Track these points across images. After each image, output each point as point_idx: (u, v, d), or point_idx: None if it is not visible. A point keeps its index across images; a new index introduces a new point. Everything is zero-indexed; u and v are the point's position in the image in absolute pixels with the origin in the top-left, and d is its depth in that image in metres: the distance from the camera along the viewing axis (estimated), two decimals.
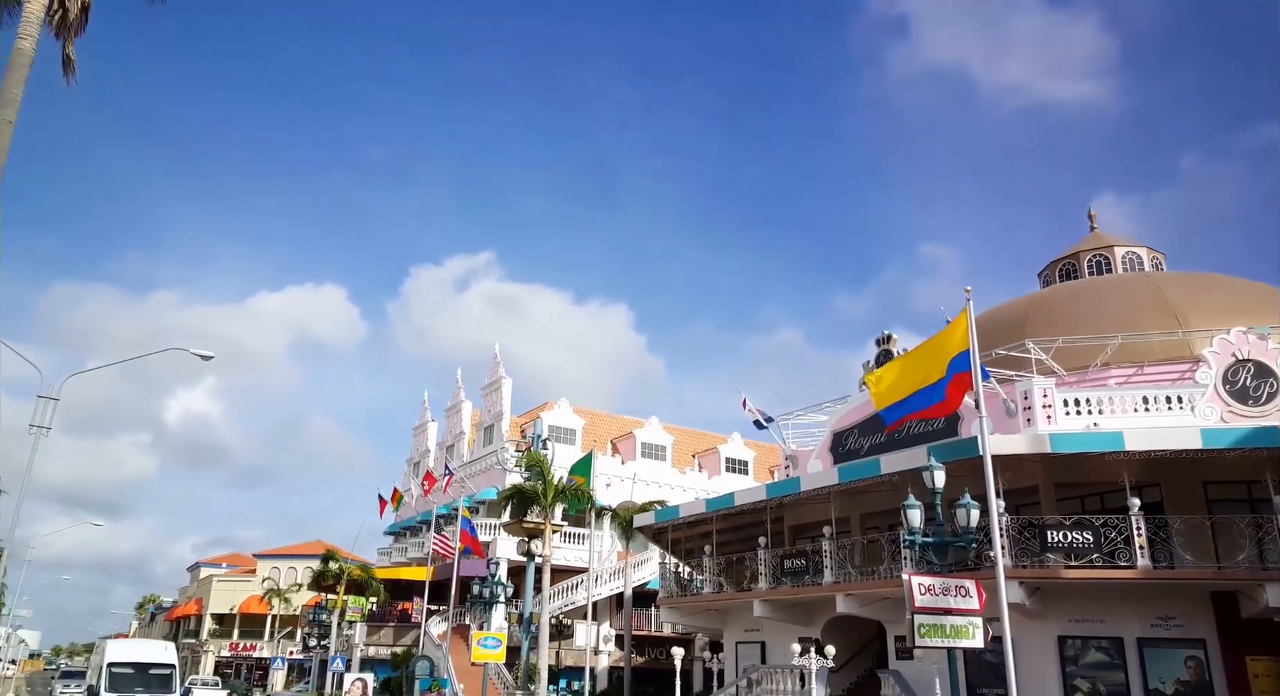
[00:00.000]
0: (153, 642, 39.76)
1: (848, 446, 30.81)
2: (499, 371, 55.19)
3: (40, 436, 20.25)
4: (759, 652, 30.14)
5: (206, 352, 22.56)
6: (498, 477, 51.75)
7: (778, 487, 27.36)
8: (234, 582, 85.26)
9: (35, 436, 20.17)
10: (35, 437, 20.17)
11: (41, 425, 20.33)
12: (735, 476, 57.15)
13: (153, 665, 32.97)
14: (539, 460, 29.80)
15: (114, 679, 31.48)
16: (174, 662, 33.84)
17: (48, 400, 20.44)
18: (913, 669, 24.39)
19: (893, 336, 30.61)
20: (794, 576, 26.95)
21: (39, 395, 20.32)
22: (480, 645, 29.84)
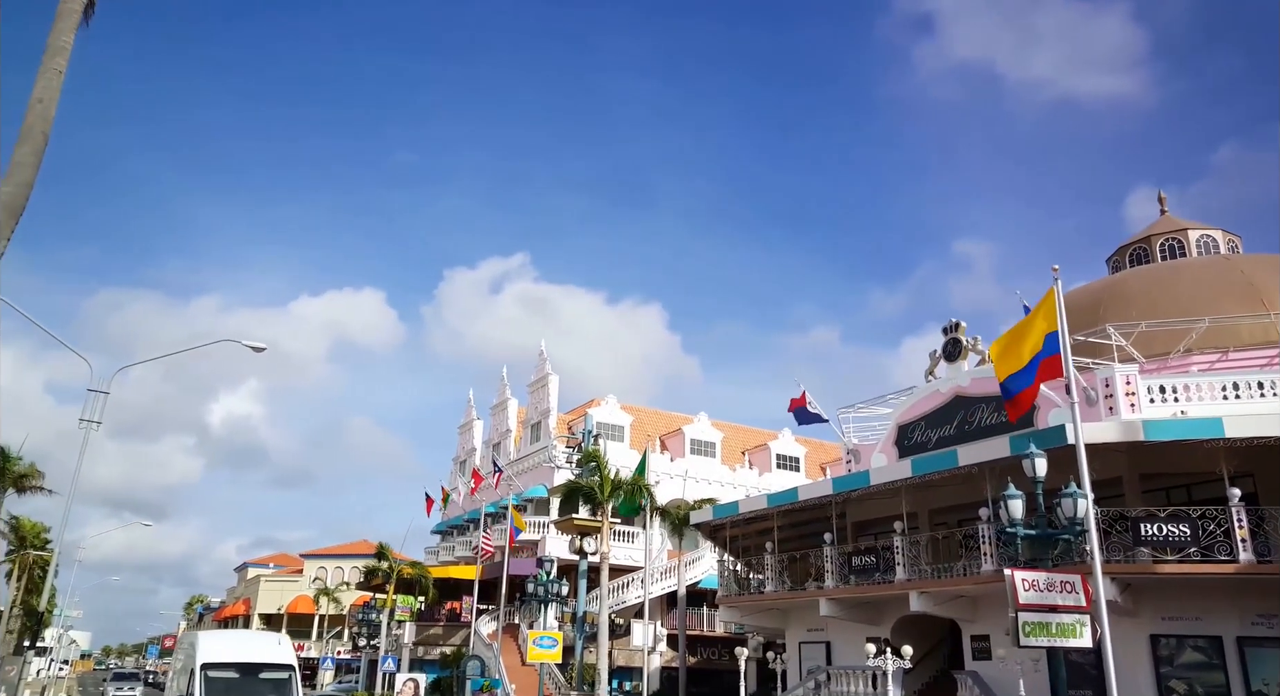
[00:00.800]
0: (260, 635, 28.37)
1: (914, 439, 29.66)
2: (545, 368, 54.48)
3: (90, 430, 19.72)
4: (824, 652, 29.10)
5: (258, 344, 21.94)
6: (546, 475, 51.05)
7: (845, 482, 26.27)
8: (281, 582, 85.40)
9: (85, 431, 19.64)
10: (85, 432, 19.63)
11: (91, 420, 19.81)
12: (786, 473, 56.03)
13: (264, 666, 22.88)
14: (595, 455, 28.95)
15: (212, 687, 21.55)
16: (292, 662, 23.31)
17: (98, 393, 19.91)
18: (992, 670, 23.27)
19: (961, 324, 29.42)
20: (863, 574, 25.88)
21: (89, 388, 19.81)
22: (536, 644, 29.07)
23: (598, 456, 29.07)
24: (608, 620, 40.36)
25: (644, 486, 30.15)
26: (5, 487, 41.39)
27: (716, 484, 53.18)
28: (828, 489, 26.53)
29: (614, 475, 29.80)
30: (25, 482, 42.12)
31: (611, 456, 41.65)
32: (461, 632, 49.28)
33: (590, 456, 29.07)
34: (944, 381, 29.12)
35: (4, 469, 40.72)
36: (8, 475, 40.97)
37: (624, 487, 29.17)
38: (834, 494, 26.16)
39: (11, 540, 55.28)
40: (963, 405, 28.28)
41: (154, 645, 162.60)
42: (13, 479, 41.33)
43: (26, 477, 42.07)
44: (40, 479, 42.44)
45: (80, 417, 19.57)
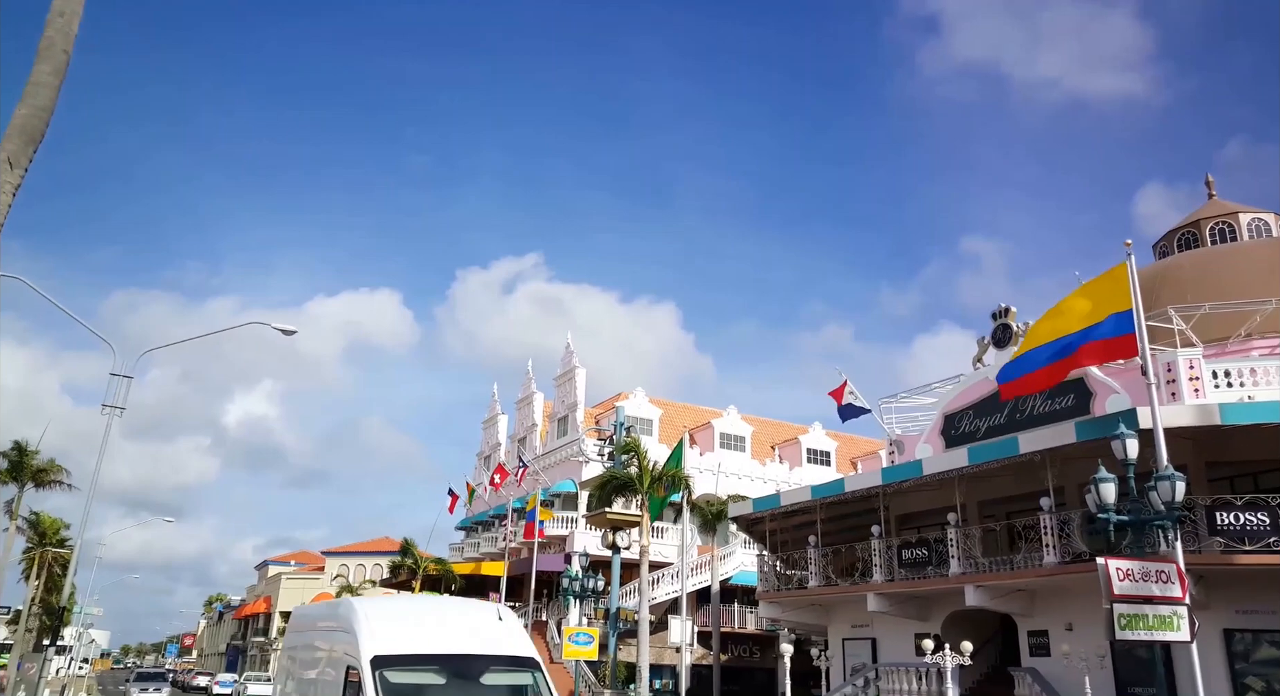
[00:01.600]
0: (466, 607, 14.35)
1: (962, 429, 28.58)
2: (573, 361, 53.51)
3: (113, 417, 18.91)
4: (869, 649, 28.06)
5: (288, 327, 21.11)
6: (574, 469, 50.14)
7: (896, 472, 25.26)
8: (303, 580, 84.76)
9: (109, 417, 18.84)
10: (108, 417, 18.84)
11: (115, 405, 18.98)
12: (817, 467, 54.93)
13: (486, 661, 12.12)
14: (634, 445, 27.95)
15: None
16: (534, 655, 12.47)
17: (121, 378, 19.09)
18: (1052, 667, 22.19)
19: (1011, 309, 28.35)
20: (914, 568, 24.84)
21: (112, 372, 19.00)
22: (571, 641, 28.11)
23: (636, 446, 28.06)
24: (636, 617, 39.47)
25: (683, 477, 29.14)
26: (24, 482, 40.70)
27: (746, 478, 52.14)
28: (876, 479, 25.49)
29: (652, 466, 28.77)
30: (45, 477, 41.43)
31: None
32: None
33: (629, 446, 28.06)
34: (993, 369, 27.99)
35: (22, 463, 40.05)
36: (26, 469, 40.29)
37: (664, 478, 28.16)
38: (883, 484, 25.14)
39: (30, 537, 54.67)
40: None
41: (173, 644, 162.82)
42: (31, 473, 40.63)
43: (46, 472, 41.39)
44: (60, 473, 41.77)
45: (103, 403, 18.79)
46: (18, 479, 40.48)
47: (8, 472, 40.58)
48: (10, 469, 40.47)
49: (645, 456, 28.18)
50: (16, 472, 40.29)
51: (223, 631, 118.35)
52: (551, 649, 44.63)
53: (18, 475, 40.30)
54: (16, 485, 40.65)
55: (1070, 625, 22.28)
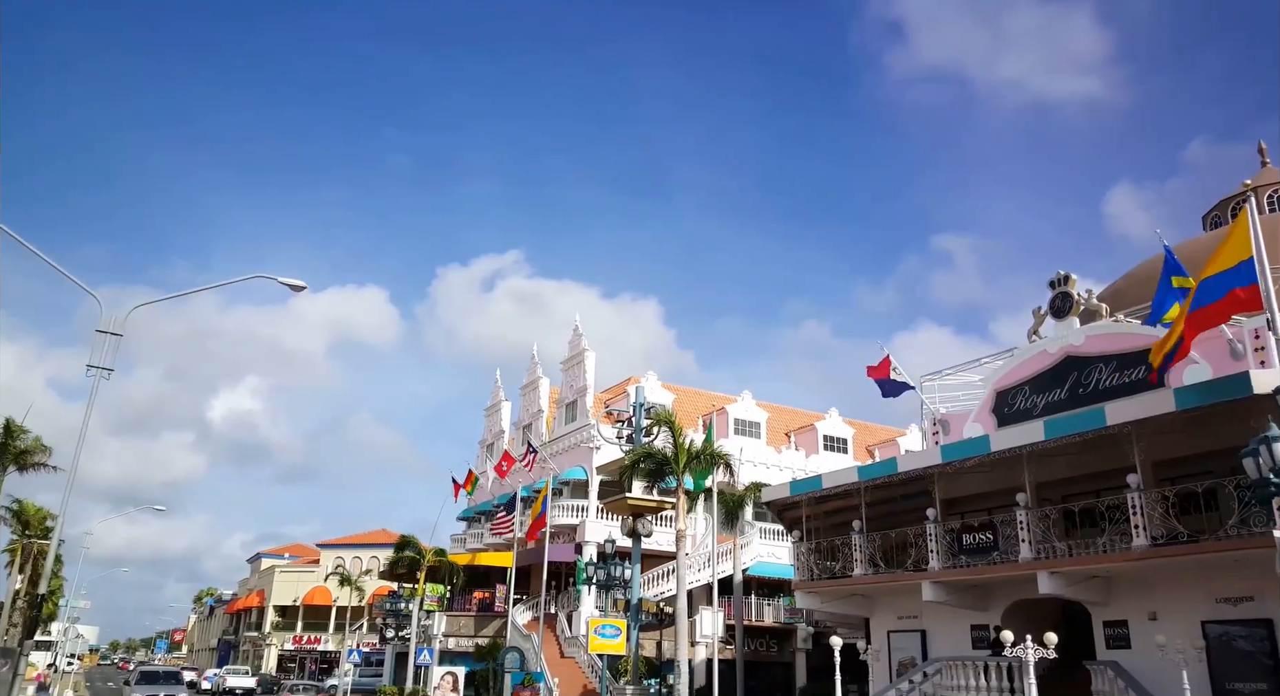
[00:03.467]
0: None
1: (1016, 406, 26.60)
2: (581, 343, 51.37)
3: (100, 378, 16.75)
4: (918, 642, 26.04)
5: (297, 282, 18.98)
6: (584, 456, 48.05)
7: (957, 450, 23.20)
8: (297, 573, 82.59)
9: (95, 379, 16.67)
10: (95, 380, 16.67)
11: (101, 366, 16.83)
12: (834, 455, 52.95)
13: None
14: (668, 419, 25.80)
15: None
16: None
17: (108, 335, 16.94)
18: (1136, 659, 20.19)
19: (1071, 276, 26.33)
20: (976, 554, 22.79)
21: (98, 329, 16.83)
22: (598, 634, 26.11)
23: (671, 421, 25.89)
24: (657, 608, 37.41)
25: (722, 455, 27.06)
26: (6, 464, 38.25)
27: (762, 466, 50.11)
28: (933, 458, 23.43)
29: (688, 444, 26.66)
30: (28, 459, 38.93)
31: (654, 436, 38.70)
32: (495, 623, 46.34)
33: (663, 420, 25.86)
34: (1052, 341, 26.05)
35: (5, 444, 37.58)
36: (9, 451, 37.82)
37: (701, 456, 26.05)
38: (942, 464, 23.06)
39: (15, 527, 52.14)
40: (1075, 366, 25.23)
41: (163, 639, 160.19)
42: (14, 455, 38.16)
43: (30, 453, 38.90)
44: (45, 454, 39.23)
45: (89, 363, 16.63)
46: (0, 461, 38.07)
47: None
48: None
49: (680, 432, 26.00)
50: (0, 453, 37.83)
51: (214, 626, 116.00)
52: (562, 643, 42.63)
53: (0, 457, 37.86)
54: None
55: (1154, 614, 20.32)
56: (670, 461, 25.57)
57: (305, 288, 19.18)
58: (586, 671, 39.62)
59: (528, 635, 41.60)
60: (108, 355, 16.79)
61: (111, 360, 16.87)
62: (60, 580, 73.90)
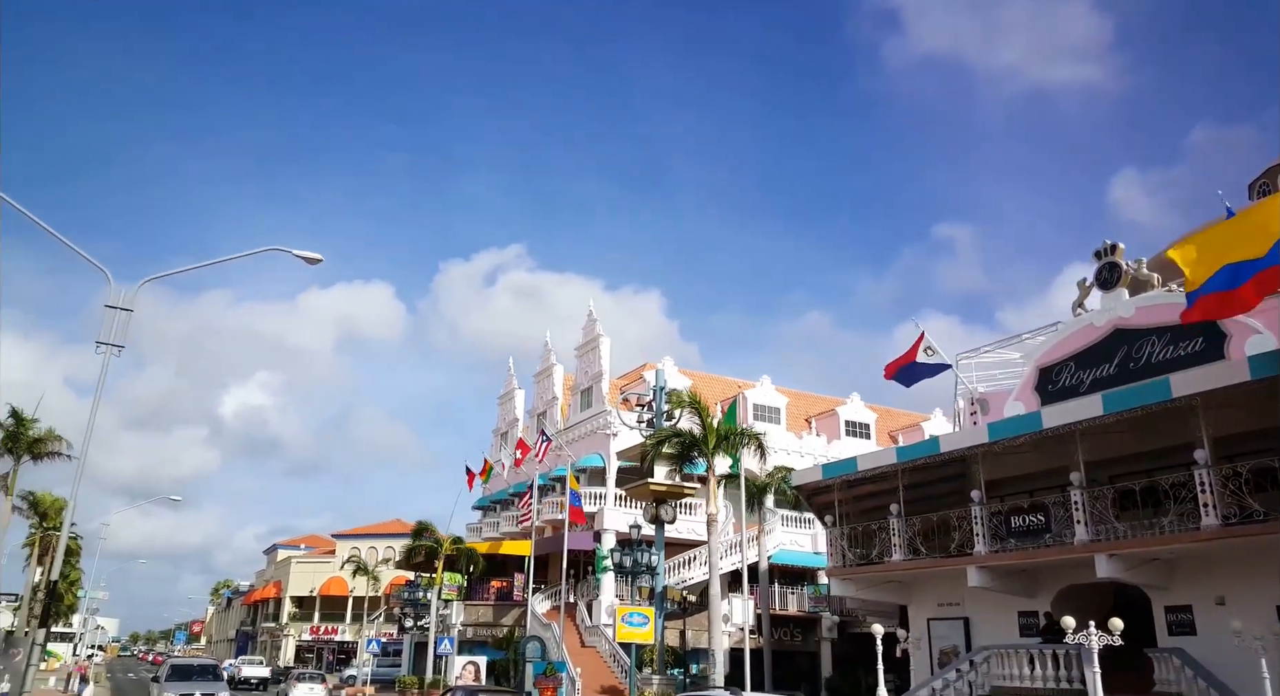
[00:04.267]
0: None
1: (1061, 382, 25.50)
2: (596, 329, 50.36)
3: (109, 356, 15.84)
4: (960, 630, 25.03)
5: (312, 255, 18.06)
6: (600, 443, 47.12)
7: (1007, 427, 22.13)
8: (314, 564, 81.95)
9: (104, 357, 15.75)
10: (104, 358, 15.75)
11: (111, 343, 15.92)
12: (856, 440, 51.93)
13: None
14: (695, 401, 24.76)
15: None
16: None
17: (118, 311, 16.03)
18: (1202, 647, 19.15)
19: (1119, 245, 25.20)
20: (1027, 536, 21.73)
21: (107, 305, 15.91)
22: (626, 622, 25.22)
23: (697, 402, 24.84)
24: (681, 597, 36.52)
25: (754, 435, 26.06)
26: (20, 454, 37.46)
27: (783, 452, 49.06)
28: (981, 437, 22.36)
29: (716, 424, 25.63)
30: (41, 448, 38.13)
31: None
32: (513, 612, 45.52)
33: (688, 400, 24.82)
34: (1099, 313, 24.95)
35: (18, 433, 36.78)
36: (22, 440, 37.01)
37: (731, 437, 25.03)
38: (990, 442, 22.02)
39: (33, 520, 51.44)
40: (1125, 339, 24.12)
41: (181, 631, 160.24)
42: (28, 444, 37.36)
43: (43, 442, 38.09)
44: (59, 444, 38.44)
45: (97, 340, 15.72)
46: (13, 451, 37.25)
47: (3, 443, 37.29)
48: (6, 439, 37.16)
49: (708, 412, 24.95)
50: (12, 443, 37.02)
51: (231, 617, 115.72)
52: (583, 633, 41.76)
53: (13, 446, 37.05)
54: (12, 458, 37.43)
55: (1221, 599, 19.27)
56: (699, 442, 24.51)
57: (320, 260, 18.25)
58: (608, 661, 38.75)
59: (548, 624, 40.76)
60: (118, 331, 15.92)
61: (122, 337, 15.97)
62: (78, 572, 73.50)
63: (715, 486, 24.53)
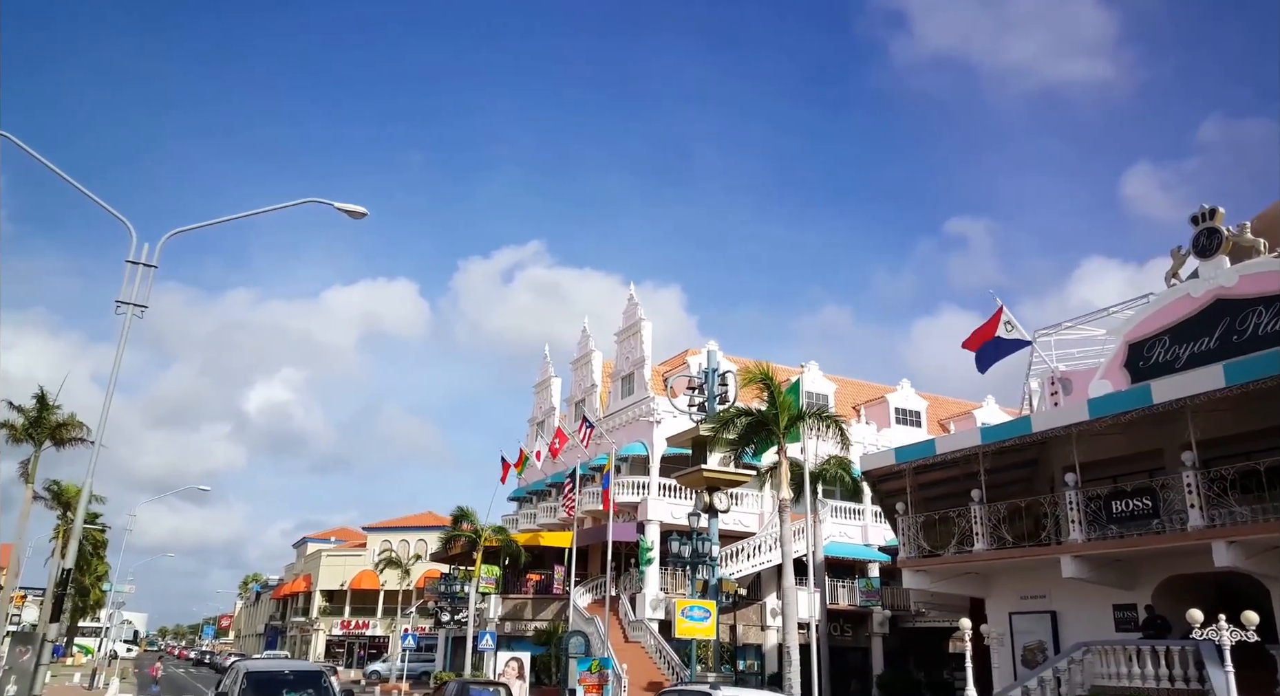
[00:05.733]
0: None
1: (1154, 358, 23.59)
2: (637, 313, 48.64)
3: (131, 318, 14.32)
4: (1047, 625, 23.15)
5: (356, 208, 16.47)
6: (643, 431, 45.41)
7: (1109, 403, 20.26)
8: (344, 557, 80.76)
9: (126, 317, 14.24)
10: (126, 319, 14.23)
11: (132, 302, 14.38)
12: (906, 428, 50.06)
13: None
14: (766, 376, 22.93)
15: None
16: None
17: (139, 266, 14.49)
18: None
19: (1218, 210, 23.23)
20: (1131, 522, 19.84)
21: (128, 260, 14.37)
22: (685, 616, 23.49)
23: (769, 378, 23.00)
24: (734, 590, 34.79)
25: (829, 416, 24.26)
26: (43, 439, 36.18)
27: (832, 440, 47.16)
28: (1078, 415, 20.46)
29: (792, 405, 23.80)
30: (64, 434, 36.86)
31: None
32: (553, 606, 43.93)
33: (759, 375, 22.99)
34: (1197, 283, 23.02)
35: (41, 418, 35.50)
36: (44, 425, 35.73)
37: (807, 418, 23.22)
38: (1090, 420, 20.13)
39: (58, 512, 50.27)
40: (1227, 310, 22.21)
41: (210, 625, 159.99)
42: (50, 429, 36.07)
43: (66, 427, 36.81)
44: (81, 430, 37.18)
45: (118, 299, 14.17)
46: (34, 437, 36.03)
47: (25, 429, 36.07)
48: (29, 425, 35.91)
49: (780, 389, 23.13)
50: (35, 428, 35.78)
51: (260, 612, 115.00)
52: (626, 627, 40.10)
53: (35, 432, 35.83)
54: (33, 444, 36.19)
55: None
56: (769, 422, 22.68)
57: (365, 213, 16.63)
58: (653, 656, 37.11)
59: (590, 618, 39.13)
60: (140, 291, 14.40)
61: (145, 295, 14.46)
62: (106, 565, 72.69)
63: (787, 468, 22.69)
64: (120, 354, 14.27)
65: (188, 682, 56.37)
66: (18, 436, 36.02)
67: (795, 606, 22.09)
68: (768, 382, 22.88)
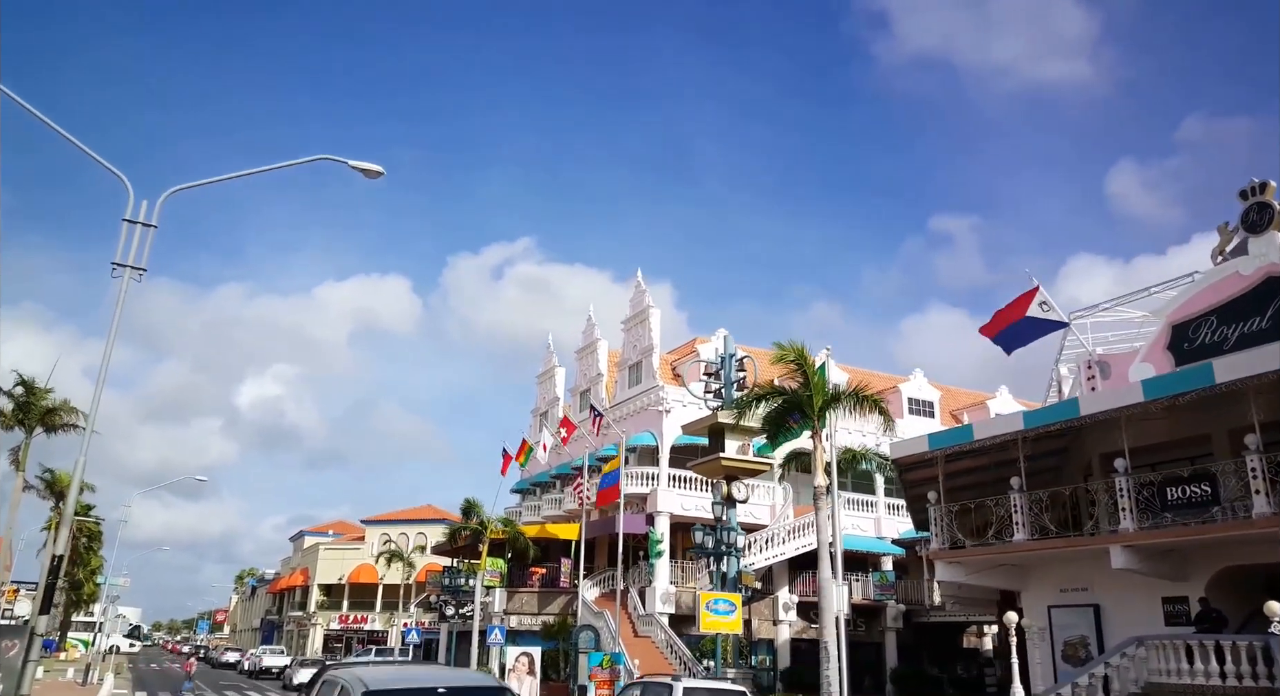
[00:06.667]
0: None
1: (1200, 340, 22.48)
2: (645, 300, 47.47)
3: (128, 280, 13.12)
4: (1090, 619, 22.06)
5: (372, 167, 15.31)
6: (651, 420, 44.26)
7: (1167, 384, 19.13)
8: (342, 550, 79.50)
9: (123, 279, 13.04)
10: (123, 281, 13.04)
11: (129, 264, 13.19)
12: (919, 419, 48.92)
13: None
14: (801, 355, 21.77)
15: None
16: None
17: (137, 225, 13.30)
18: None
19: (1270, 183, 22.12)
20: (1188, 510, 18.75)
21: (126, 218, 13.16)
22: (710, 610, 22.45)
23: (803, 356, 21.80)
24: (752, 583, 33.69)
25: (872, 397, 23.09)
26: (33, 425, 34.90)
27: (843, 430, 45.94)
28: (1133, 396, 19.31)
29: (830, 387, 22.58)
30: (55, 419, 35.57)
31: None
32: (559, 600, 42.83)
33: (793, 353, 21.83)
34: (1247, 260, 21.92)
35: (30, 403, 34.20)
36: (34, 411, 34.44)
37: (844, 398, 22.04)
38: (1145, 401, 19.00)
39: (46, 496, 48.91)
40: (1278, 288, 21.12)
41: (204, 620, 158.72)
42: (40, 415, 34.80)
43: (57, 412, 35.52)
44: (74, 416, 35.86)
45: (114, 261, 12.99)
46: (24, 423, 34.75)
47: (13, 415, 34.79)
48: (17, 409, 34.62)
49: (814, 368, 21.93)
50: (23, 414, 34.50)
51: (256, 606, 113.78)
52: (635, 621, 39.01)
53: (24, 418, 34.55)
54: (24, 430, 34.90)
55: None
56: (801, 404, 21.48)
57: (382, 173, 15.48)
58: (664, 651, 36.05)
59: (600, 612, 38.06)
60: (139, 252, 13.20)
61: (144, 258, 13.26)
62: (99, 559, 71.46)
63: (822, 453, 21.51)
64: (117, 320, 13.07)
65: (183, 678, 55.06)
66: (7, 423, 34.77)
67: (834, 599, 20.92)
68: (801, 361, 21.68)
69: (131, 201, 13.28)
